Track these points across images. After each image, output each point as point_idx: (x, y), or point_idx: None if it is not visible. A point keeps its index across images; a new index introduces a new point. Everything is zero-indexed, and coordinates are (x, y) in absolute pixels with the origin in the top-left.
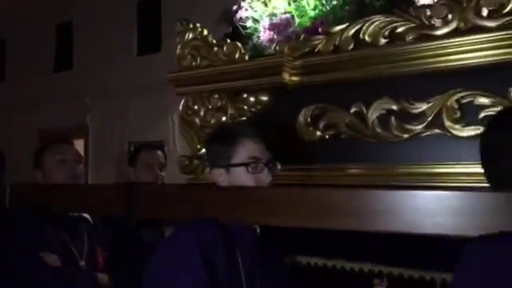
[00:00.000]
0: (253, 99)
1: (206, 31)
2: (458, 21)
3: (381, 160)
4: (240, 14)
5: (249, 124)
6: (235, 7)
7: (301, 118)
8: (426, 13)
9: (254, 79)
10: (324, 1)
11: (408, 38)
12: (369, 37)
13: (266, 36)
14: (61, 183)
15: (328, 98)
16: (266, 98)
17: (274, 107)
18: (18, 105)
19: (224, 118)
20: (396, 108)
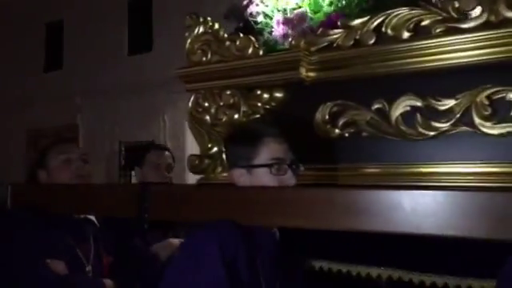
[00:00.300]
0: (267, 96)
1: (216, 25)
2: (489, 13)
3: (404, 159)
4: (251, 9)
5: (269, 122)
6: (245, 2)
7: (318, 116)
8: (453, 5)
9: (268, 75)
10: None
11: (434, 32)
12: (392, 30)
13: (280, 31)
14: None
15: (347, 94)
16: (280, 94)
17: (289, 104)
18: (6, 104)
19: (236, 116)
20: (421, 105)
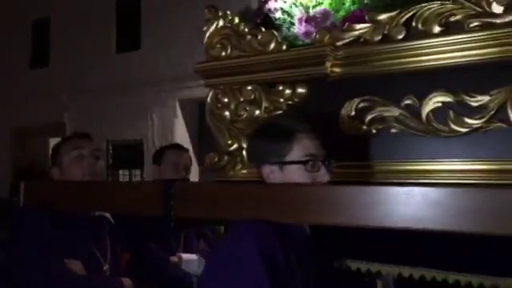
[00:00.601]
0: (289, 91)
1: (237, 19)
2: None
3: (434, 156)
4: (269, 5)
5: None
6: None
7: (344, 112)
8: None
9: (291, 70)
10: None
11: (467, 27)
12: (422, 25)
13: (302, 29)
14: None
15: (375, 90)
16: (304, 90)
17: (312, 100)
18: None
19: (257, 112)
20: (453, 101)
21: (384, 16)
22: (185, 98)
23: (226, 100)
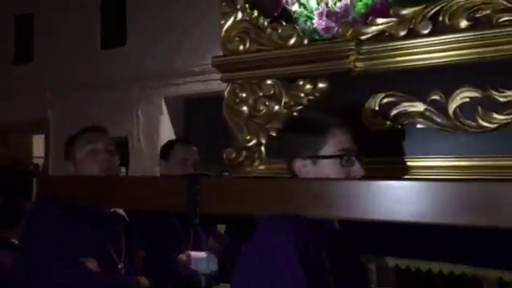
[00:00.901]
0: (310, 86)
1: (256, 12)
2: None
3: (462, 152)
4: None
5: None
6: None
7: (367, 107)
8: None
9: (313, 64)
10: None
11: (495, 21)
12: (449, 19)
13: (323, 24)
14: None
15: (399, 85)
16: (325, 84)
17: (334, 95)
18: None
19: (277, 107)
20: (481, 96)
21: (409, 10)
22: (171, 96)
23: (244, 95)
